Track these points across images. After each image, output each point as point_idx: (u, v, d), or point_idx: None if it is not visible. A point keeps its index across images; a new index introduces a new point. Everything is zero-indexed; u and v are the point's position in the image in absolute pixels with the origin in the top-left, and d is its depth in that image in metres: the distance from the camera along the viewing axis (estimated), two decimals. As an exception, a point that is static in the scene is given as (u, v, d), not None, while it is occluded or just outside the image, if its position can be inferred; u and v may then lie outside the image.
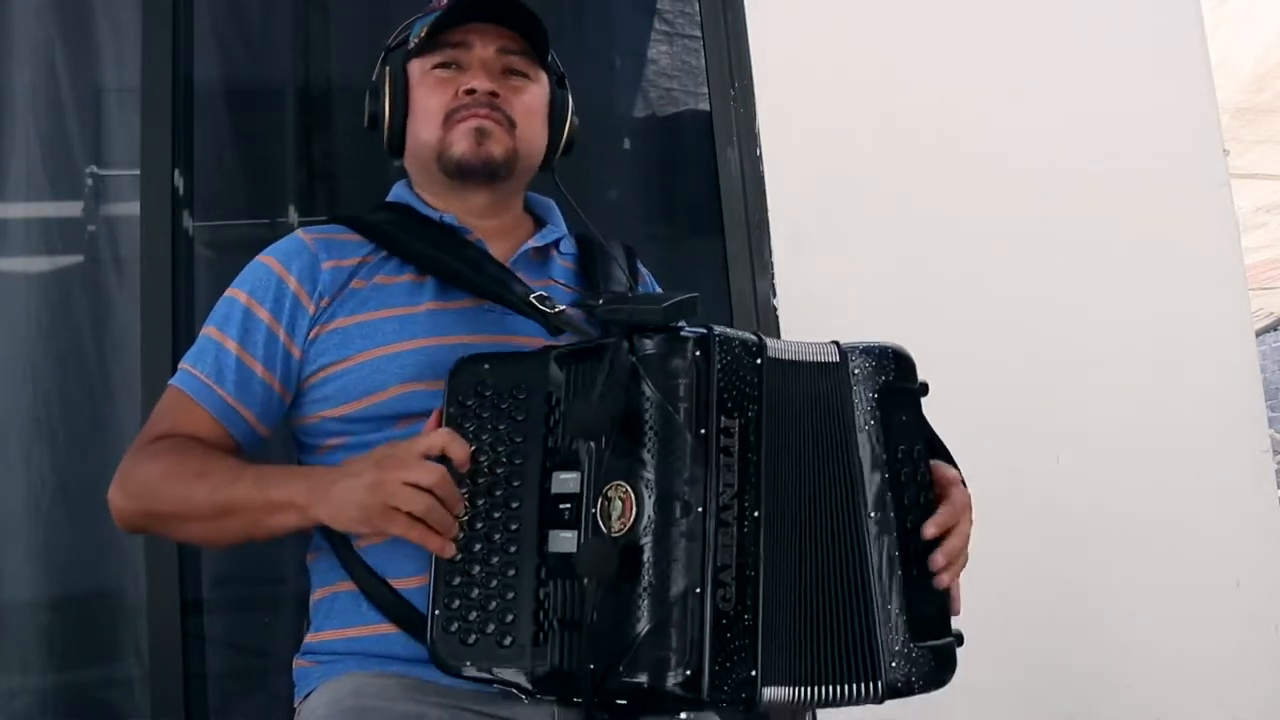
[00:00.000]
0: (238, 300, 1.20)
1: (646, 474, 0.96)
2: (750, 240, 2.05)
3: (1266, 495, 2.09)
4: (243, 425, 1.18)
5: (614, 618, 0.95)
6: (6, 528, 1.92)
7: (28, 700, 1.90)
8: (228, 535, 1.13)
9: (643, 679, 0.93)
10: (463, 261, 1.21)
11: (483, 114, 1.24)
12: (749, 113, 2.08)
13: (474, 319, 1.19)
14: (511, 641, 1.00)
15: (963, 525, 1.09)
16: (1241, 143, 12.40)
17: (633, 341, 1.00)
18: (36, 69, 2.05)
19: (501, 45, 1.27)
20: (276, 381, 1.19)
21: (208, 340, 1.20)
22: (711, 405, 0.97)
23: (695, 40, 2.17)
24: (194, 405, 1.17)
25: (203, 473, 1.11)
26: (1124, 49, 2.17)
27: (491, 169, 1.25)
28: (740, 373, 0.99)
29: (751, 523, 0.97)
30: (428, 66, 1.27)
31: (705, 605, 0.93)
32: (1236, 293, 2.12)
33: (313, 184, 2.11)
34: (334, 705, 1.07)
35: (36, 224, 2.06)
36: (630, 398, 0.98)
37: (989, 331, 2.05)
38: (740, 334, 1.01)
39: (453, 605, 1.02)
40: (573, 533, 0.99)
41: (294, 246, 1.23)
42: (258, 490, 1.08)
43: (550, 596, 1.00)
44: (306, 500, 1.06)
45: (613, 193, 2.20)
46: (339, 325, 1.19)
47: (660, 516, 0.95)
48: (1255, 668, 2.01)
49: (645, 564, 0.94)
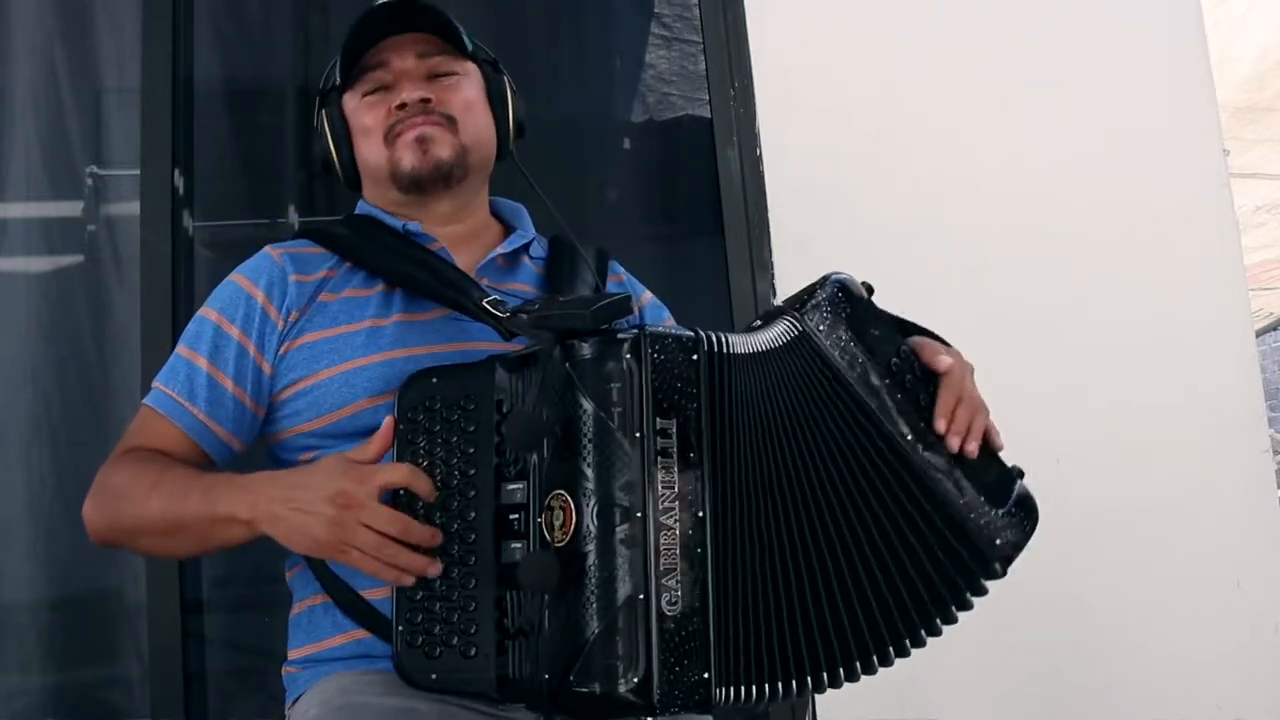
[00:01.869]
0: (208, 319, 1.21)
1: (586, 483, 0.96)
2: (750, 240, 2.05)
3: (1266, 495, 2.09)
4: (215, 441, 1.18)
5: (564, 627, 0.95)
6: (6, 528, 1.92)
7: (28, 700, 1.90)
8: (182, 549, 1.15)
9: (595, 687, 0.93)
10: (423, 269, 1.22)
11: (419, 121, 1.25)
12: (749, 113, 2.08)
13: (439, 329, 1.20)
14: (476, 652, 1.00)
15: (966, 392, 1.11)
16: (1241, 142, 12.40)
17: (566, 347, 0.99)
18: (36, 69, 2.05)
19: (418, 51, 1.27)
20: (248, 397, 1.19)
21: (179, 359, 1.20)
22: (646, 407, 0.96)
23: (693, 45, 2.17)
24: (166, 422, 1.18)
25: (157, 484, 1.11)
26: (1124, 49, 2.16)
27: (444, 171, 1.25)
28: (676, 370, 0.98)
29: (696, 523, 0.97)
30: (358, 96, 1.28)
31: (651, 611, 0.93)
32: (1236, 293, 2.12)
33: (313, 184, 2.11)
34: (324, 705, 1.08)
35: (36, 224, 2.05)
36: (566, 405, 0.97)
37: (989, 331, 2.04)
38: (674, 331, 1.01)
39: (416, 619, 1.02)
40: (521, 543, 0.99)
41: (262, 263, 1.24)
42: (205, 504, 1.08)
43: (510, 605, 1.00)
44: (250, 516, 1.05)
45: (613, 193, 2.20)
46: (307, 340, 1.19)
47: (600, 524, 0.95)
48: (1255, 668, 2.01)
49: (589, 572, 0.94)
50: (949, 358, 1.11)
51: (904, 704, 1.83)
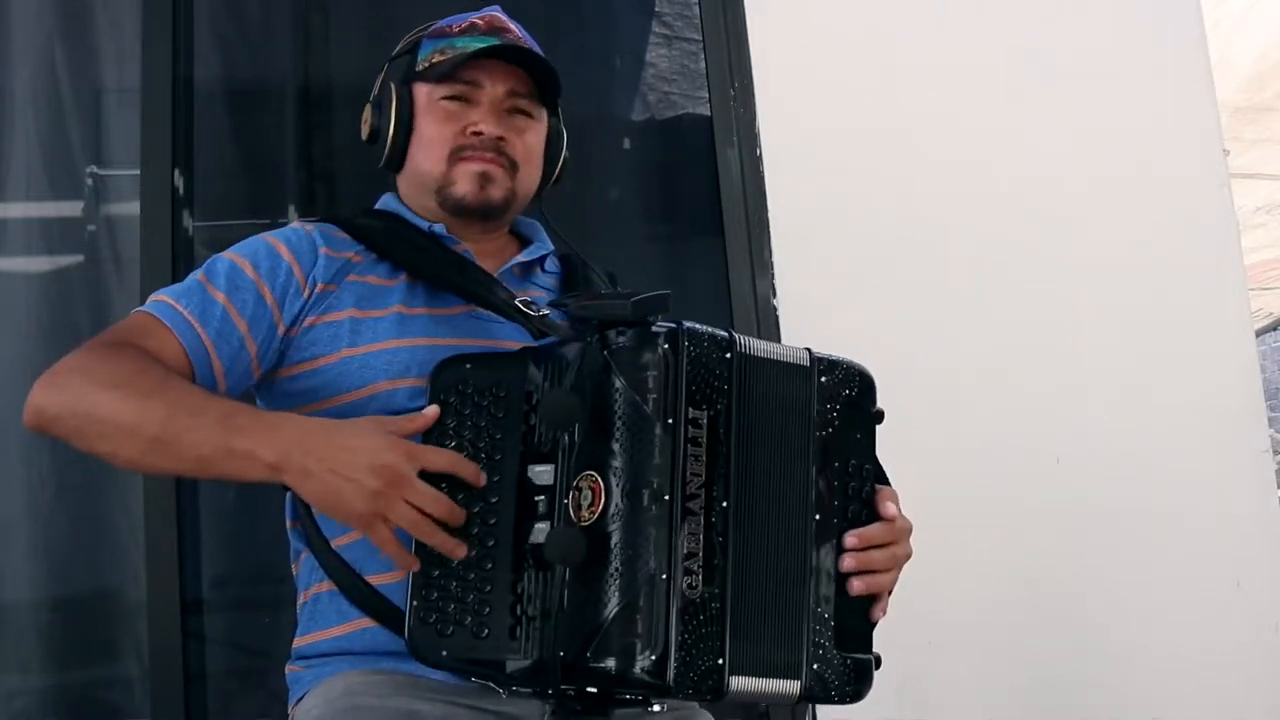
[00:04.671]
0: (228, 259, 1.18)
1: (616, 464, 0.97)
2: (750, 240, 2.05)
3: (1266, 495, 2.09)
4: (209, 373, 1.13)
5: (583, 604, 0.96)
6: (6, 528, 1.92)
7: (28, 700, 1.90)
8: (166, 465, 1.06)
9: (610, 664, 0.94)
10: (450, 267, 1.23)
11: (488, 158, 1.25)
12: (749, 113, 2.08)
13: (460, 324, 1.20)
14: (488, 633, 1.01)
15: (896, 548, 1.09)
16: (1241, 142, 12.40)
17: (604, 336, 1.01)
18: (36, 69, 2.05)
19: (511, 87, 1.27)
20: (255, 346, 1.15)
21: (194, 283, 1.15)
22: (680, 396, 0.99)
23: (694, 44, 2.17)
24: (168, 334, 1.11)
25: (161, 389, 1.04)
26: (1124, 49, 2.17)
27: (489, 212, 1.27)
28: (710, 366, 1.01)
29: (720, 512, 0.99)
30: (436, 96, 1.27)
31: (671, 589, 0.94)
32: (1236, 293, 2.12)
33: (313, 184, 2.11)
34: (328, 706, 1.07)
35: (36, 224, 2.06)
36: (601, 390, 1.00)
37: (989, 331, 2.05)
38: (710, 329, 1.03)
39: (430, 597, 1.03)
40: (546, 524, 1.01)
41: (292, 231, 1.23)
42: (221, 431, 1.01)
43: (526, 589, 1.01)
44: (276, 461, 1.01)
45: (613, 193, 2.20)
46: (330, 319, 1.18)
47: (628, 504, 0.96)
48: (1255, 668, 2.01)
49: (613, 550, 0.96)
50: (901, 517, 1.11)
51: (904, 704, 1.83)
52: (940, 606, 1.79)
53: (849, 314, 2.01)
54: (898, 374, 1.24)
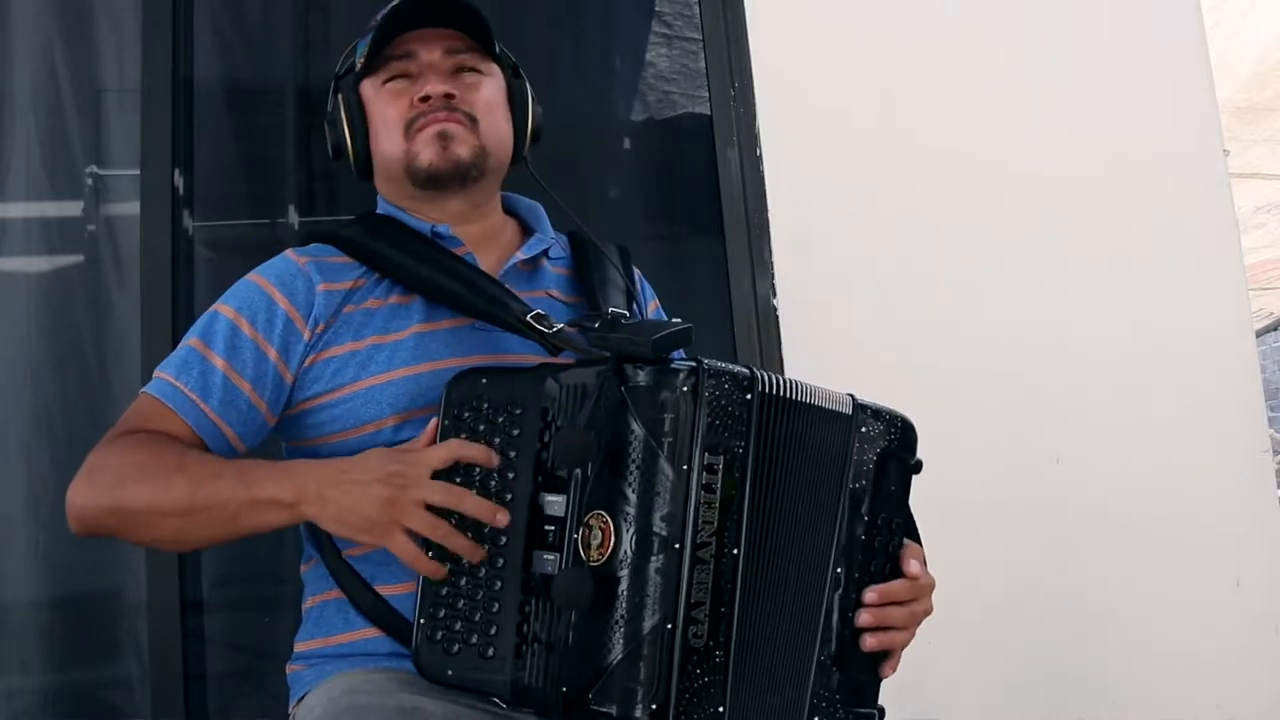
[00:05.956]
0: (224, 315, 1.17)
1: (628, 508, 0.96)
2: (750, 241, 2.05)
3: (1266, 495, 2.09)
4: (222, 442, 1.14)
5: (588, 645, 0.96)
6: (6, 528, 1.92)
7: (28, 700, 1.90)
8: (202, 534, 1.09)
9: (611, 709, 0.94)
10: (456, 280, 1.19)
11: (442, 117, 1.22)
12: (749, 113, 2.08)
13: (465, 339, 1.18)
14: (494, 653, 1.01)
15: (916, 604, 1.09)
16: (1241, 142, 12.40)
17: (622, 370, 1.00)
18: (36, 69, 2.05)
19: (447, 46, 1.25)
20: (264, 404, 1.15)
21: (191, 353, 1.15)
22: (696, 441, 0.97)
23: (694, 43, 2.17)
24: (172, 416, 1.13)
25: (181, 466, 1.07)
26: (1124, 49, 2.16)
27: (462, 171, 1.23)
28: (729, 408, 0.99)
29: (729, 560, 0.98)
30: (379, 84, 1.25)
31: (676, 640, 0.94)
32: (1236, 293, 2.12)
33: (313, 184, 2.11)
34: (330, 705, 1.07)
35: (36, 224, 2.05)
36: (616, 428, 0.98)
37: (989, 331, 2.05)
38: (732, 368, 1.01)
39: (439, 614, 1.02)
40: (555, 555, 1.00)
41: (286, 269, 1.20)
42: (242, 487, 1.05)
43: (533, 612, 1.01)
44: (295, 498, 1.04)
45: (613, 193, 2.20)
46: (332, 354, 1.16)
47: (638, 551, 0.95)
48: (1255, 668, 2.01)
49: (620, 595, 0.95)
50: (926, 574, 1.11)
51: (904, 704, 1.83)
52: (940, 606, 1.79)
53: (849, 314, 2.01)
54: (897, 373, 1.24)
